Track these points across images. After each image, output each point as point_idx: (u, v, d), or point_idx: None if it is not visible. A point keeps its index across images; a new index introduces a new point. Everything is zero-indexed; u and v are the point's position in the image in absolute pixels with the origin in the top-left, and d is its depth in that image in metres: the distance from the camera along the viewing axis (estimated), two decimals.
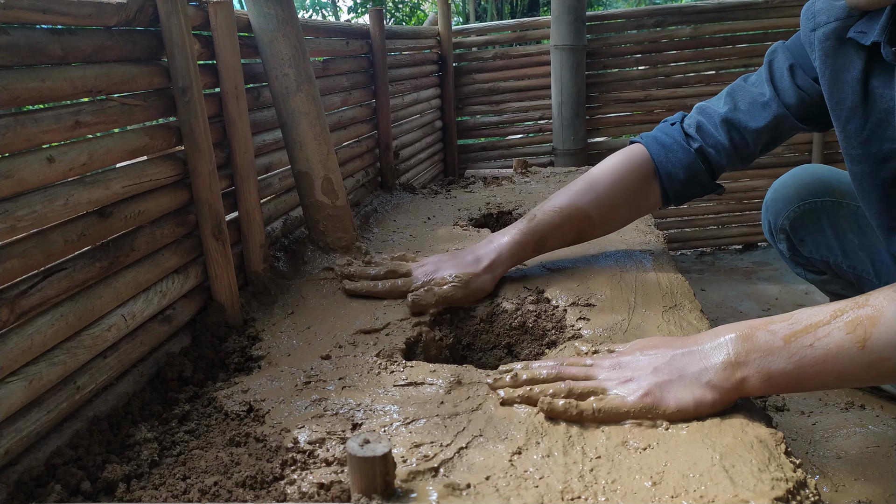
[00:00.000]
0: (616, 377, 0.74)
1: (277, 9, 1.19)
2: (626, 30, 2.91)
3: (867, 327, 0.65)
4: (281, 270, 1.24)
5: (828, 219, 1.21)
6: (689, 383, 0.70)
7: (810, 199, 1.23)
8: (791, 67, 1.05)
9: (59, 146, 0.77)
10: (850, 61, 0.95)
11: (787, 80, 1.05)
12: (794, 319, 0.70)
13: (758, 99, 1.07)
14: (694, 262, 3.05)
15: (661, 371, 0.72)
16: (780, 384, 0.69)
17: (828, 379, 0.67)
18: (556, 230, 1.12)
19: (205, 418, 0.81)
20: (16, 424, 0.69)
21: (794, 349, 0.67)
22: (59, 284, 0.76)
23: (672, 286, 1.10)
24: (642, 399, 0.70)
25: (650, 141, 1.13)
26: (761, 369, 0.68)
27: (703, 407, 0.69)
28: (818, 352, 0.66)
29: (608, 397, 0.71)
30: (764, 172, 3.01)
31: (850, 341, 0.65)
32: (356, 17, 6.85)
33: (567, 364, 0.78)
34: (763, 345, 0.69)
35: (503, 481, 0.62)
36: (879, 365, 0.64)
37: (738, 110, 1.09)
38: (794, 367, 0.67)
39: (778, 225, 1.28)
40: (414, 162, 2.37)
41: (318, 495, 0.63)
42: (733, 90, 1.11)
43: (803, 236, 1.24)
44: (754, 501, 0.57)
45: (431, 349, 1.05)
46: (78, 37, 0.80)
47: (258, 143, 1.26)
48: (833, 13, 0.96)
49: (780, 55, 1.07)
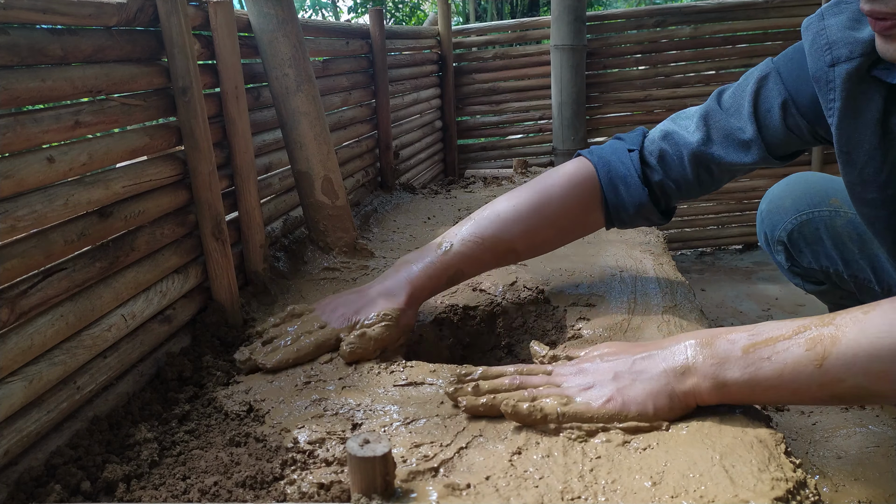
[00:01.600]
0: (578, 384, 0.74)
1: (277, 9, 1.19)
2: (626, 30, 2.91)
3: (827, 346, 0.64)
4: (281, 270, 1.24)
5: (826, 229, 1.19)
6: (648, 388, 0.70)
7: (807, 211, 1.20)
8: (784, 105, 0.91)
9: (59, 146, 0.77)
10: (869, 100, 0.85)
11: (776, 119, 0.92)
12: (756, 331, 0.69)
13: (735, 134, 0.95)
14: (694, 262, 3.05)
15: (621, 377, 0.72)
16: (732, 394, 0.68)
17: (782, 394, 0.67)
18: (474, 262, 1.01)
19: (205, 418, 0.81)
20: (16, 424, 0.69)
21: (750, 360, 0.67)
22: (59, 284, 0.76)
23: (672, 286, 1.10)
24: (605, 405, 0.70)
25: (602, 167, 1.00)
26: (716, 377, 0.68)
27: (661, 412, 0.69)
28: (774, 365, 0.66)
29: (573, 403, 0.71)
30: (764, 172, 3.00)
31: (807, 359, 0.64)
32: (356, 17, 6.85)
33: (527, 372, 0.78)
34: (721, 353, 0.69)
35: (503, 481, 0.62)
36: (834, 385, 0.64)
37: (711, 142, 0.96)
38: (749, 378, 0.67)
39: (775, 237, 1.25)
40: (414, 162, 2.37)
41: (318, 495, 0.63)
42: (707, 115, 0.97)
43: (802, 248, 1.22)
44: (754, 501, 0.57)
45: (431, 349, 1.05)
46: (78, 37, 0.80)
47: (258, 143, 1.26)
48: (857, 48, 0.83)
49: (771, 87, 0.92)
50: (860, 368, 0.62)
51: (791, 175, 1.28)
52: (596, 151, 1.03)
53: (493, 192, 1.96)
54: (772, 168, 1.34)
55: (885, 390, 0.63)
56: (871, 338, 0.62)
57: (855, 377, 0.63)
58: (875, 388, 0.63)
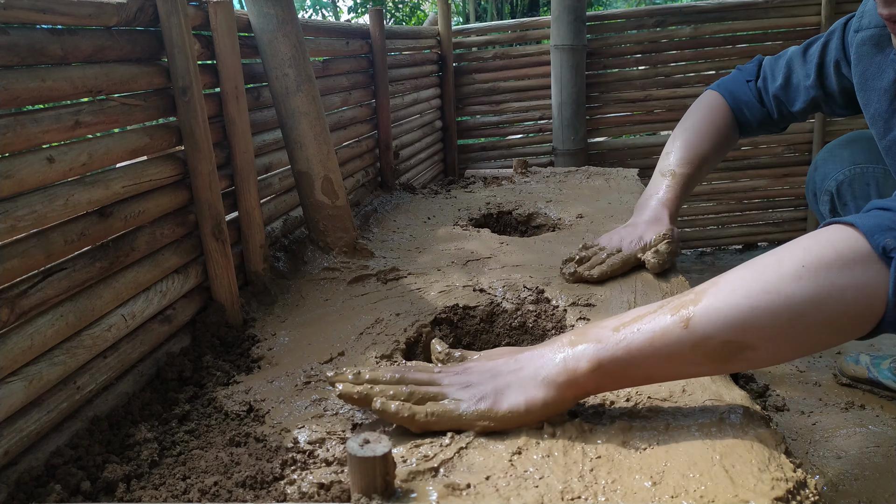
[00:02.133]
0: (458, 382, 0.73)
1: (277, 9, 1.19)
2: (626, 30, 2.91)
3: (690, 308, 0.66)
4: (281, 270, 1.24)
5: (876, 186, 1.21)
6: (524, 384, 0.70)
7: (863, 164, 1.23)
8: (836, 63, 1.10)
9: (59, 146, 0.77)
10: (882, 70, 0.98)
11: (832, 74, 1.11)
12: (625, 314, 0.71)
13: (803, 83, 1.16)
14: (694, 262, 3.05)
15: (500, 376, 0.72)
16: (612, 373, 0.68)
17: (660, 363, 0.67)
18: (691, 177, 1.24)
19: (205, 418, 0.81)
20: (16, 424, 0.69)
21: (621, 336, 0.68)
22: (59, 284, 0.76)
23: (672, 286, 1.10)
24: (477, 404, 0.70)
25: (730, 98, 1.27)
26: (591, 358, 0.68)
27: (534, 407, 0.69)
28: (644, 335, 0.67)
29: (443, 402, 0.71)
30: (764, 172, 3.01)
31: (674, 322, 0.66)
32: (356, 17, 6.84)
33: (414, 369, 0.77)
34: (592, 335, 0.70)
35: (503, 481, 0.62)
36: (705, 343, 0.65)
37: (784, 87, 1.20)
38: (623, 352, 0.67)
39: (825, 186, 1.28)
40: (414, 162, 2.37)
41: (318, 495, 0.63)
42: (791, 62, 1.19)
43: (848, 200, 1.24)
44: (754, 501, 0.57)
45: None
46: (78, 37, 0.80)
47: (258, 143, 1.26)
48: (876, 19, 0.98)
49: (834, 44, 1.11)
50: (723, 321, 0.64)
51: (852, 132, 1.31)
52: (723, 85, 1.30)
53: (493, 192, 1.95)
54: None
55: (754, 341, 0.64)
56: (727, 291, 0.65)
57: (721, 332, 0.64)
58: (743, 340, 0.64)
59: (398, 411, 0.70)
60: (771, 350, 0.65)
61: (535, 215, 1.69)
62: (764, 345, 0.64)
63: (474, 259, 1.33)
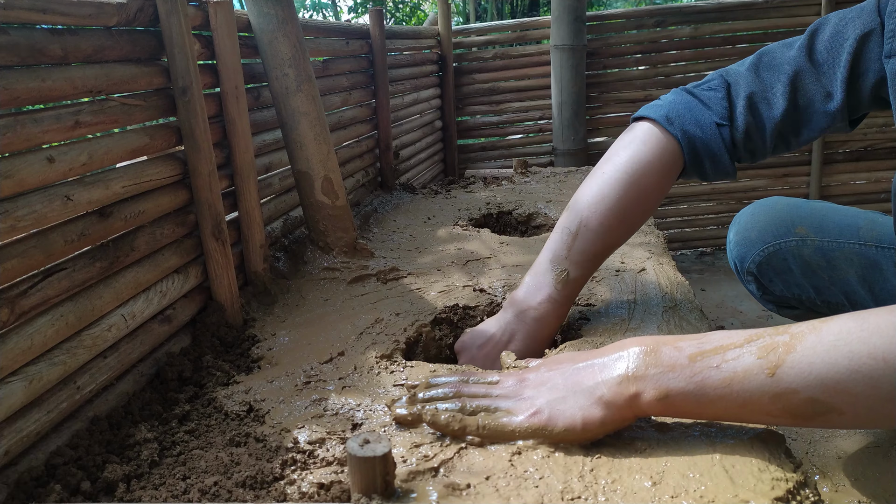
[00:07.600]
0: (513, 394, 0.70)
1: (277, 9, 1.19)
2: (626, 30, 2.91)
3: (780, 354, 0.59)
4: (281, 270, 1.24)
5: (794, 259, 1.16)
6: (581, 399, 0.66)
7: (773, 242, 1.17)
8: (880, 81, 0.87)
9: (59, 146, 0.77)
10: None
11: (868, 85, 0.88)
12: (705, 339, 0.65)
13: (819, 105, 0.92)
14: (694, 262, 3.05)
15: (557, 388, 0.68)
16: (678, 405, 0.63)
17: (731, 407, 0.62)
18: (589, 273, 0.99)
19: (205, 418, 0.81)
20: (16, 424, 0.69)
21: (697, 368, 0.62)
22: (59, 284, 0.76)
23: (672, 286, 1.11)
24: (530, 419, 0.66)
25: (687, 144, 0.95)
26: (659, 386, 0.63)
27: (591, 425, 0.65)
28: (723, 374, 0.61)
29: (496, 415, 0.68)
30: (764, 172, 3.01)
31: (759, 366, 0.59)
32: (356, 17, 6.85)
33: (471, 381, 0.74)
34: (666, 360, 0.64)
35: (503, 481, 0.62)
36: (788, 397, 0.59)
37: (794, 113, 0.94)
38: (696, 387, 0.62)
39: (745, 268, 1.23)
40: (414, 162, 2.37)
41: (318, 495, 0.63)
42: (797, 76, 0.92)
43: (772, 277, 1.20)
44: (754, 501, 0.57)
45: (431, 349, 1.05)
46: (78, 37, 0.80)
47: (258, 143, 1.26)
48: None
49: (873, 50, 0.87)
50: (815, 379, 0.58)
51: (756, 202, 1.25)
52: (675, 120, 0.95)
53: (493, 192, 1.95)
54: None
55: (841, 406, 0.58)
56: (827, 345, 0.58)
57: (810, 389, 0.58)
58: (831, 402, 0.58)
59: (448, 423, 0.68)
60: (860, 418, 0.59)
61: (535, 215, 1.69)
62: (853, 411, 0.58)
63: (474, 259, 1.33)
